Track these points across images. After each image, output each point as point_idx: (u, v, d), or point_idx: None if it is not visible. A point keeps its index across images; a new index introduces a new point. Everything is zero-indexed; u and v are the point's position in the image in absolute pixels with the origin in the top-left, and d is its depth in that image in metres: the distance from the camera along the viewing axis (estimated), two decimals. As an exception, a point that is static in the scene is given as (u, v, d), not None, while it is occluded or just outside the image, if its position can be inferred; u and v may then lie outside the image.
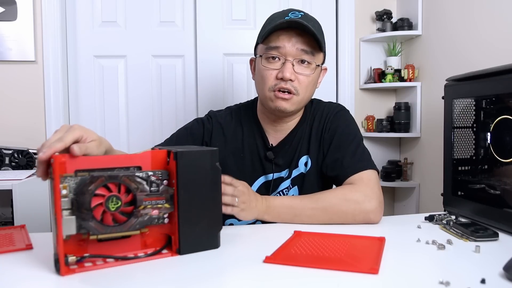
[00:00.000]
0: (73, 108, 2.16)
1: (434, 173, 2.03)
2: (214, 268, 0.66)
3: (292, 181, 1.10)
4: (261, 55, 1.04)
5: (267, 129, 1.13)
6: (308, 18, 1.02)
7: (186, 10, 2.19)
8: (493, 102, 1.02)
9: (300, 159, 1.10)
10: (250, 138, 1.13)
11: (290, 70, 1.00)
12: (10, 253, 0.74)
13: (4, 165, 1.93)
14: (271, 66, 1.02)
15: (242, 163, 1.11)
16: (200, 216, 0.73)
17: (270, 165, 1.10)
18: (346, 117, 1.11)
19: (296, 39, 1.00)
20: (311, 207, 0.92)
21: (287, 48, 1.00)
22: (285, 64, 1.00)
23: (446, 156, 1.08)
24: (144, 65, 2.18)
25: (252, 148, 1.12)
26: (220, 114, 1.18)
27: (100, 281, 0.61)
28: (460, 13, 1.84)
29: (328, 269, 0.64)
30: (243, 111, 1.17)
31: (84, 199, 0.64)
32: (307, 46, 1.00)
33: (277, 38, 1.00)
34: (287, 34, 1.00)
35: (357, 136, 1.08)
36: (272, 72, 1.02)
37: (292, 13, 1.02)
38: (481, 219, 0.93)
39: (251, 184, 1.10)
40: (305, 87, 1.03)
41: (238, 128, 1.14)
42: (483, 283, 0.58)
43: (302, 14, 1.02)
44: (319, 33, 1.02)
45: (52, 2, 2.03)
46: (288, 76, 0.99)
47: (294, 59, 1.01)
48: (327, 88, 2.29)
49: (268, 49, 1.02)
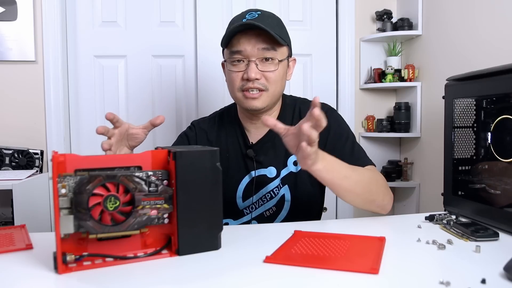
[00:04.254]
0: (73, 108, 2.16)
1: (434, 173, 2.03)
2: (213, 268, 0.66)
3: (281, 181, 1.11)
4: (226, 60, 1.09)
5: (248, 128, 1.16)
6: (265, 16, 1.05)
7: (186, 10, 2.19)
8: (493, 102, 1.01)
9: (289, 158, 1.11)
10: (233, 138, 1.16)
11: (254, 70, 1.03)
12: (10, 253, 0.74)
13: (4, 165, 1.93)
14: (236, 69, 1.06)
15: (227, 164, 1.13)
16: (199, 217, 0.73)
17: (252, 163, 1.12)
18: (336, 117, 1.13)
19: (256, 39, 1.03)
20: (359, 172, 0.93)
21: (248, 50, 1.03)
22: (249, 65, 1.04)
23: (446, 156, 1.08)
24: (144, 65, 2.18)
25: (235, 148, 1.15)
26: (204, 120, 1.23)
27: (98, 280, 0.61)
28: (460, 13, 1.84)
29: (328, 269, 0.64)
30: (226, 113, 1.22)
31: (82, 199, 0.64)
32: (267, 43, 1.03)
33: (237, 42, 1.04)
34: (246, 37, 1.03)
35: (350, 135, 1.10)
36: (238, 74, 1.06)
37: (249, 14, 1.05)
38: (482, 219, 0.93)
39: (237, 183, 1.13)
40: (273, 82, 1.06)
41: (221, 130, 1.18)
42: (484, 283, 0.58)
43: (259, 13, 1.05)
44: (278, 28, 1.05)
45: (52, 2, 2.03)
46: (253, 76, 1.03)
47: (257, 58, 1.04)
48: (327, 88, 2.29)
49: (231, 54, 1.06)
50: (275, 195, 1.11)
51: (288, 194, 1.11)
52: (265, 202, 1.12)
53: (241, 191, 1.12)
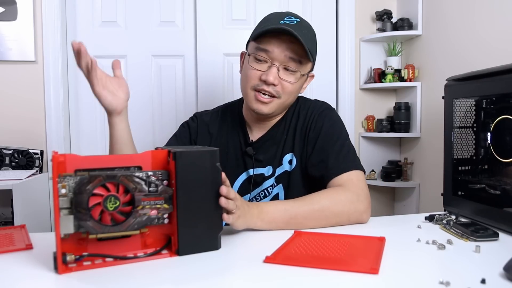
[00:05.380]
0: (73, 108, 2.16)
1: (434, 173, 2.03)
2: (214, 268, 0.66)
3: (276, 179, 1.10)
4: (250, 54, 1.05)
5: (251, 125, 1.14)
6: (302, 26, 1.02)
7: (186, 10, 2.19)
8: (493, 102, 1.02)
9: (284, 156, 1.10)
10: (234, 134, 1.15)
11: (274, 74, 1.01)
12: (10, 253, 0.74)
13: (4, 165, 1.93)
14: (257, 67, 1.03)
15: (226, 159, 1.12)
16: (199, 217, 0.73)
17: (251, 161, 1.11)
18: (331, 116, 1.10)
19: (286, 45, 1.00)
20: (307, 209, 0.89)
21: (276, 53, 1.00)
22: (271, 68, 1.01)
23: (446, 156, 1.08)
24: (144, 65, 2.18)
25: (235, 144, 1.14)
26: (206, 113, 1.21)
27: (98, 280, 0.61)
28: (460, 13, 1.84)
29: (328, 269, 0.64)
30: (229, 108, 1.20)
31: (82, 199, 0.64)
32: (296, 54, 1.01)
33: (268, 42, 1.01)
34: (278, 40, 1.00)
35: (341, 136, 1.07)
36: (257, 73, 1.03)
37: (288, 18, 1.02)
38: (481, 219, 0.93)
39: (234, 180, 1.12)
40: (288, 93, 1.04)
41: (223, 125, 1.17)
42: (483, 283, 0.58)
43: (298, 21, 1.02)
44: (310, 42, 1.02)
45: (52, 2, 2.03)
46: (271, 80, 1.00)
47: (280, 64, 1.01)
48: (327, 88, 2.29)
49: (257, 50, 1.03)
50: (269, 193, 1.11)
51: (282, 193, 1.11)
52: (259, 200, 1.11)
53: (236, 188, 1.12)
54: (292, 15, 1.04)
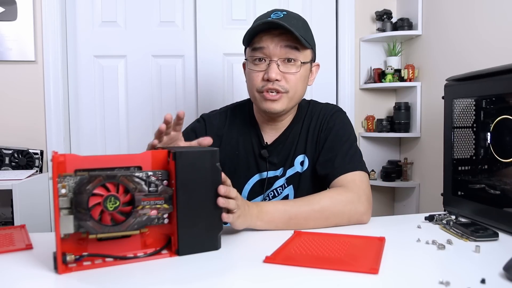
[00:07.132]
0: (73, 108, 2.16)
1: (434, 173, 2.03)
2: (213, 268, 0.66)
3: (287, 180, 1.10)
4: (248, 59, 1.06)
5: (264, 128, 1.13)
6: (290, 17, 1.02)
7: (186, 10, 2.19)
8: (493, 102, 1.02)
9: (296, 158, 1.10)
10: (245, 136, 1.14)
11: (275, 70, 1.01)
12: (10, 253, 0.74)
13: (4, 165, 1.93)
14: (257, 68, 1.03)
15: (236, 161, 1.12)
16: (199, 217, 0.73)
17: (264, 163, 1.11)
18: (342, 118, 1.12)
19: (279, 38, 1.00)
20: (306, 209, 0.89)
21: (271, 48, 1.01)
22: (270, 64, 1.01)
23: (446, 156, 1.08)
24: (144, 65, 2.18)
25: (247, 146, 1.13)
26: (214, 115, 1.19)
27: (98, 280, 0.61)
28: (460, 13, 1.84)
29: (328, 269, 0.64)
30: (238, 110, 1.19)
31: (82, 199, 0.64)
32: (290, 42, 1.01)
33: (260, 39, 1.02)
34: (270, 35, 1.01)
35: (350, 138, 1.08)
36: (259, 74, 1.03)
37: (274, 14, 1.03)
38: (481, 219, 0.93)
39: (245, 182, 1.11)
40: (294, 85, 1.03)
41: (232, 127, 1.15)
42: (483, 283, 0.58)
43: (285, 14, 1.03)
44: (303, 30, 1.02)
45: (52, 2, 2.03)
46: (273, 77, 1.00)
47: (279, 58, 1.01)
48: (327, 88, 2.29)
49: (253, 51, 1.03)
50: (278, 194, 1.11)
51: (292, 194, 1.11)
52: (268, 200, 1.11)
53: (247, 191, 1.11)
54: (278, 10, 1.05)
